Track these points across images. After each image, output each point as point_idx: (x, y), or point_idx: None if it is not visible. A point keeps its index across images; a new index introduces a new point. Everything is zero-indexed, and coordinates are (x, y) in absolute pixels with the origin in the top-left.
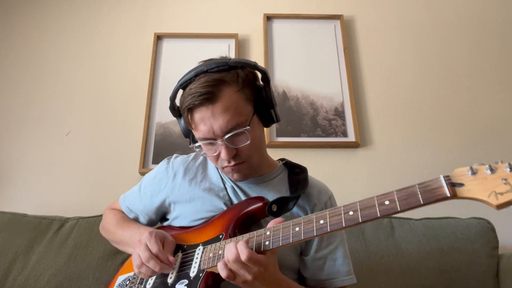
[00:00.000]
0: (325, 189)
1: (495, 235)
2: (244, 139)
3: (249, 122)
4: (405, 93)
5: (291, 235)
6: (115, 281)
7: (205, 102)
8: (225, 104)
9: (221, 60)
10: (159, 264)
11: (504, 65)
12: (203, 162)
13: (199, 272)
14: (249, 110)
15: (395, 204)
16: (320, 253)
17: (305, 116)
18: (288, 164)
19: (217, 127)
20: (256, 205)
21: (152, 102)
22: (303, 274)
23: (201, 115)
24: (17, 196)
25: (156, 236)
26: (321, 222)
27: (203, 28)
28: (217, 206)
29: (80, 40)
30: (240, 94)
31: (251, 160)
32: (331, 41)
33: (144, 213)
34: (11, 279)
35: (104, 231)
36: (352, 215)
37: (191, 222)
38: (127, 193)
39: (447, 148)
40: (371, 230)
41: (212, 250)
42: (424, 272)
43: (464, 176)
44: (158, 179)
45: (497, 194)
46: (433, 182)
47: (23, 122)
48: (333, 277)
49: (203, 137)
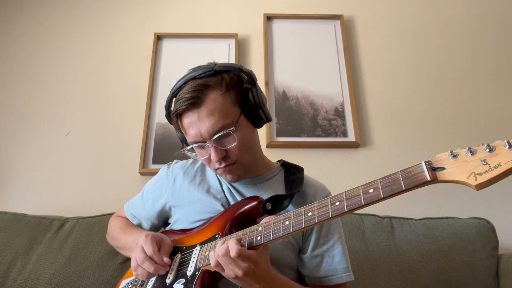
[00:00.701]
0: (322, 187)
1: (495, 235)
2: (232, 140)
3: (235, 123)
4: (405, 93)
5: (281, 228)
6: (119, 285)
7: (191, 107)
8: (210, 108)
9: (207, 65)
10: (153, 265)
11: (504, 65)
12: (201, 166)
13: (195, 270)
14: (235, 112)
15: (378, 192)
16: (317, 251)
17: (305, 116)
18: (285, 164)
19: (204, 130)
20: (251, 204)
21: (152, 102)
22: (302, 272)
23: (189, 119)
24: (17, 196)
25: (152, 239)
26: (309, 214)
27: (203, 28)
28: (215, 207)
29: (80, 40)
30: (224, 97)
31: (242, 160)
32: (331, 41)
33: (147, 219)
34: (11, 279)
35: (110, 238)
36: (338, 205)
37: (190, 224)
38: (131, 201)
39: (447, 148)
40: (371, 230)
41: (208, 249)
42: (424, 272)
43: (445, 160)
44: (159, 185)
45: (476, 174)
46: (415, 168)
47: (23, 122)
48: (331, 275)
49: (193, 141)
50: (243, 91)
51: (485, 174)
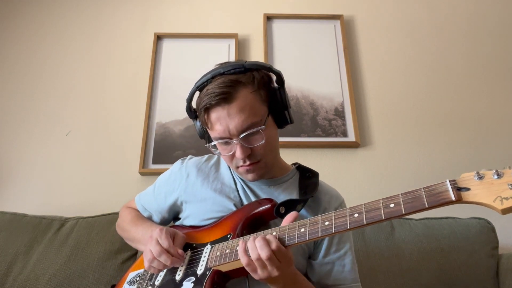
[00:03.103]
0: (337, 195)
1: (495, 235)
2: (259, 138)
3: (264, 122)
4: (405, 93)
5: (296, 235)
6: (126, 277)
7: (221, 102)
8: (241, 104)
9: (237, 62)
10: (170, 258)
11: (503, 64)
12: (216, 163)
13: (206, 270)
14: (264, 111)
15: (400, 207)
16: (328, 258)
17: (305, 116)
18: (300, 167)
19: (232, 126)
20: (264, 207)
21: (152, 102)
22: (311, 278)
23: (217, 114)
24: (17, 196)
25: (167, 232)
26: (326, 223)
27: (203, 28)
28: (227, 206)
29: (81, 40)
30: (255, 95)
31: (265, 159)
32: (331, 41)
33: (158, 212)
34: (11, 279)
35: (119, 229)
36: (357, 217)
37: (201, 222)
38: (142, 193)
39: (447, 147)
40: (371, 230)
41: (219, 249)
42: (424, 272)
43: (471, 180)
44: (172, 179)
45: (502, 198)
46: (439, 186)
47: (23, 122)
48: (340, 283)
49: (219, 136)
50: (272, 90)
51: None
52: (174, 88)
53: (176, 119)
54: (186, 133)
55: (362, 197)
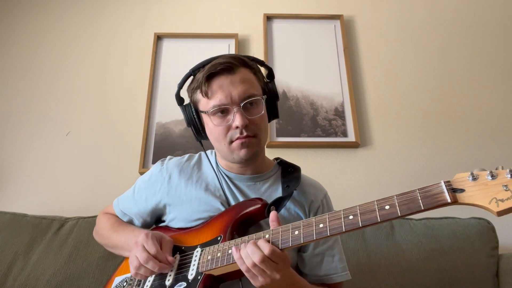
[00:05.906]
0: (320, 186)
1: (495, 235)
2: (259, 110)
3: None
4: (405, 93)
5: (290, 239)
6: (112, 282)
7: (224, 71)
8: (243, 77)
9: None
10: (158, 264)
11: (505, 64)
12: (197, 162)
13: (197, 274)
14: (261, 92)
15: (395, 209)
16: (318, 249)
17: (305, 116)
18: (282, 162)
19: (235, 93)
20: (255, 207)
21: (152, 102)
22: (302, 270)
23: (220, 82)
24: (17, 196)
25: (153, 237)
26: (321, 226)
27: (203, 28)
28: (214, 205)
29: (80, 40)
30: (255, 76)
31: (260, 136)
32: (331, 41)
33: (139, 216)
34: (11, 279)
35: (98, 236)
36: (352, 219)
37: (188, 223)
38: (120, 197)
39: (447, 148)
40: (371, 230)
41: (210, 253)
42: (424, 272)
43: (465, 181)
44: (153, 182)
45: (498, 200)
46: (434, 188)
47: (23, 122)
48: (332, 273)
49: (219, 103)
50: (265, 81)
51: (508, 201)
52: (174, 88)
53: (176, 119)
54: (186, 133)
55: (362, 197)
